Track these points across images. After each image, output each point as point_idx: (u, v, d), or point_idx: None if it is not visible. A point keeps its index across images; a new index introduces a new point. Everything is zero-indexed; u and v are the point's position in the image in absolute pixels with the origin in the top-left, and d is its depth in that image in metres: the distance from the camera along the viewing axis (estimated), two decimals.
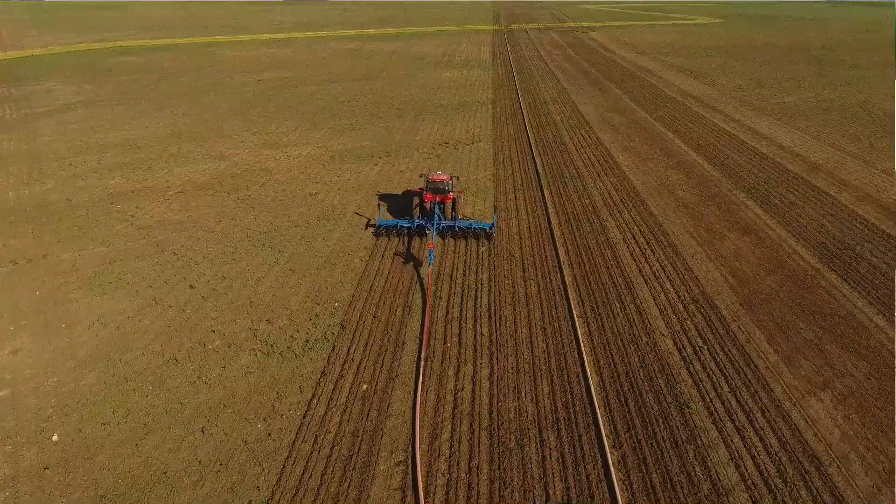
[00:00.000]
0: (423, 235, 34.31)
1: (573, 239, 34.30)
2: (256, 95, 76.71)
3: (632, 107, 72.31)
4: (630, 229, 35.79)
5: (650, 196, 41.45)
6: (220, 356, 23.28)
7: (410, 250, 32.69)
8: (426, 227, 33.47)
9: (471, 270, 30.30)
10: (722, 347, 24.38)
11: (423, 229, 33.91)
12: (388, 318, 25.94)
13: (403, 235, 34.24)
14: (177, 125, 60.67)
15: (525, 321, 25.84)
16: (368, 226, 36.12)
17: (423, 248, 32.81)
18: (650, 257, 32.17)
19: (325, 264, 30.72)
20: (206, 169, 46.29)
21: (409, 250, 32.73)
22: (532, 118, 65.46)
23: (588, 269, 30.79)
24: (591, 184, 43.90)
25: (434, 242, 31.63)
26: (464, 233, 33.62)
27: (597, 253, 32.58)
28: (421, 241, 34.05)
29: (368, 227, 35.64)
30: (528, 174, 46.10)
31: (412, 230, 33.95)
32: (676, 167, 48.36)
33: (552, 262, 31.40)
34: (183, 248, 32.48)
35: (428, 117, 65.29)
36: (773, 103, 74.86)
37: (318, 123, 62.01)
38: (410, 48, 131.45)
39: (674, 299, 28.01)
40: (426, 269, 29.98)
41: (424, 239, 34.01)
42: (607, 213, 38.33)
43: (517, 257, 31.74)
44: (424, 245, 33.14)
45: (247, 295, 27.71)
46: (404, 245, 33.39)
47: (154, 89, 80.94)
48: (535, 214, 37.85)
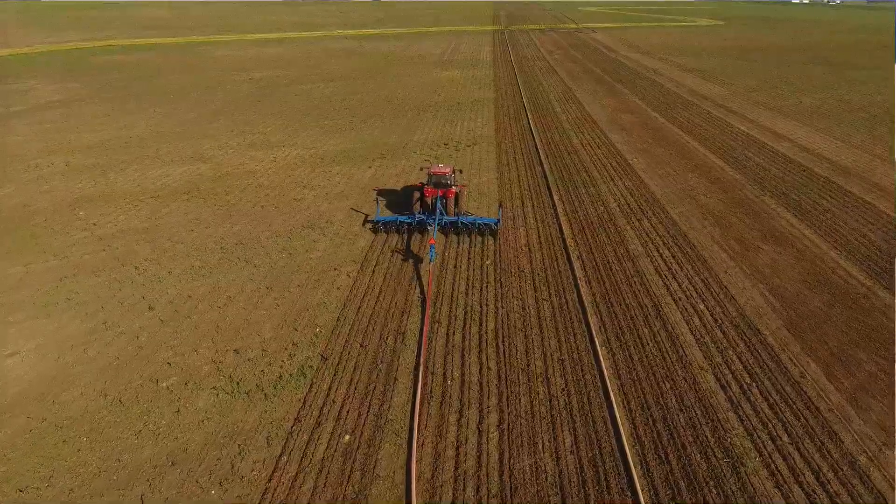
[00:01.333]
0: (423, 232, 32.06)
1: (589, 251, 30.45)
2: (246, 95, 72.92)
3: (641, 106, 68.60)
4: (652, 240, 31.95)
5: (670, 202, 37.63)
6: (175, 397, 19.36)
7: (410, 248, 30.42)
8: (427, 222, 31.31)
9: (474, 289, 26.42)
10: (773, 384, 20.52)
11: (424, 225, 31.84)
12: (377, 348, 22.04)
13: (403, 232, 32.08)
14: (159, 125, 56.82)
15: (539, 351, 21.97)
16: (366, 221, 33.53)
17: (423, 245, 29.94)
18: (678, 273, 28.32)
19: (307, 281, 26.82)
20: (184, 172, 42.42)
21: (409, 247, 30.36)
22: (537, 118, 61.69)
23: (608, 286, 26.92)
24: (604, 188, 40.08)
25: (435, 238, 29.44)
26: (467, 229, 31.51)
27: (617, 267, 28.72)
28: (422, 238, 31.65)
29: (366, 223, 33.32)
30: (536, 177, 42.28)
31: (412, 226, 31.98)
32: (695, 170, 44.57)
33: (567, 278, 27.54)
34: (146, 261, 28.57)
35: (426, 117, 61.51)
36: (790, 104, 71.20)
37: (308, 123, 58.18)
38: (409, 48, 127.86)
39: (710, 323, 24.15)
40: (426, 270, 27.20)
41: (425, 235, 31.57)
42: (625, 221, 34.49)
43: (527, 273, 27.88)
44: (425, 241, 30.56)
45: (214, 318, 23.79)
46: (403, 242, 31.24)
47: (140, 88, 77.13)
48: (544, 223, 34.01)
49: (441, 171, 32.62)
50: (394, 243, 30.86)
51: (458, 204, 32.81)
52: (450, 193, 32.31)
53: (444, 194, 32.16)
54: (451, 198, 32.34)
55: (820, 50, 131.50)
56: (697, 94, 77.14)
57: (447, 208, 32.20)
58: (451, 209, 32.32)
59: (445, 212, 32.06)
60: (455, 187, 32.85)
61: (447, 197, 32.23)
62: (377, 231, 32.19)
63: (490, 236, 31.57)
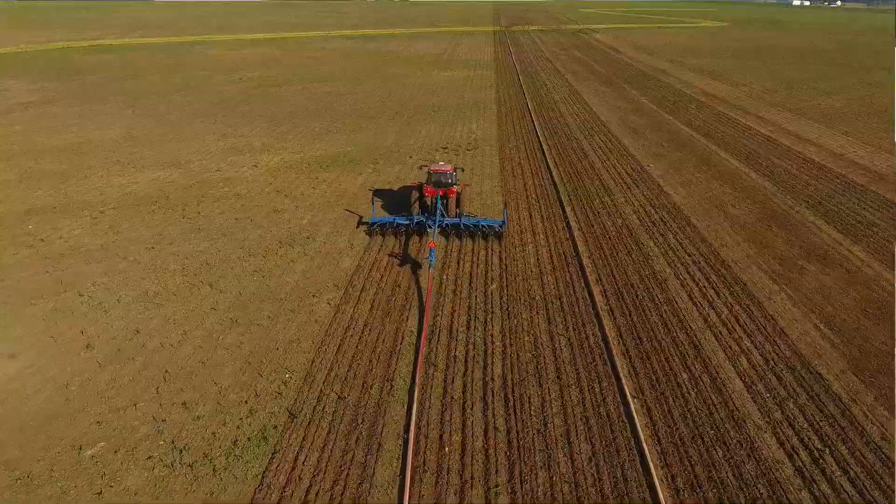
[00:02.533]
0: (423, 234, 29.58)
1: (609, 273, 26.38)
2: (233, 95, 68.90)
3: (652, 108, 64.64)
4: (680, 259, 27.90)
5: (696, 214, 33.59)
6: (99, 471, 15.25)
7: (408, 252, 28.03)
8: (427, 224, 29.02)
9: (477, 320, 22.35)
10: (851, 451, 16.43)
11: (423, 227, 29.53)
12: (359, 400, 17.96)
13: (401, 234, 29.75)
14: (135, 127, 52.76)
15: (557, 405, 17.89)
16: (361, 223, 31.20)
17: (422, 249, 27.12)
18: (714, 300, 24.25)
19: (279, 311, 22.72)
20: (155, 178, 38.34)
21: (407, 251, 28.05)
22: (542, 120, 57.70)
23: (636, 318, 22.84)
24: (620, 198, 36.03)
25: (436, 241, 27.09)
26: (470, 231, 29.30)
27: (643, 293, 24.65)
28: (421, 241, 29.10)
29: (360, 226, 31.02)
30: (544, 186, 38.23)
31: (411, 228, 29.68)
32: (719, 177, 40.55)
33: (586, 307, 23.46)
34: (95, 286, 24.47)
35: (424, 119, 57.52)
36: (809, 105, 67.29)
37: (297, 125, 54.14)
38: (407, 48, 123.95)
39: (760, 366, 20.08)
40: (425, 276, 24.93)
41: (424, 238, 29.09)
42: (647, 236, 30.45)
43: (538, 300, 23.80)
44: (424, 244, 28.33)
45: (163, 361, 19.69)
46: (400, 245, 29.06)
47: (123, 88, 73.11)
48: (556, 238, 29.95)
49: (442, 168, 30.25)
50: (391, 247, 27.32)
51: (460, 204, 30.43)
52: (451, 193, 29.91)
53: (445, 194, 29.79)
54: (452, 197, 29.98)
55: (830, 51, 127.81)
56: (710, 95, 73.22)
57: (448, 209, 29.91)
58: (452, 210, 30.06)
59: (446, 213, 29.75)
60: (457, 186, 30.39)
61: (448, 197, 29.89)
62: (372, 233, 29.63)
63: (495, 239, 29.09)
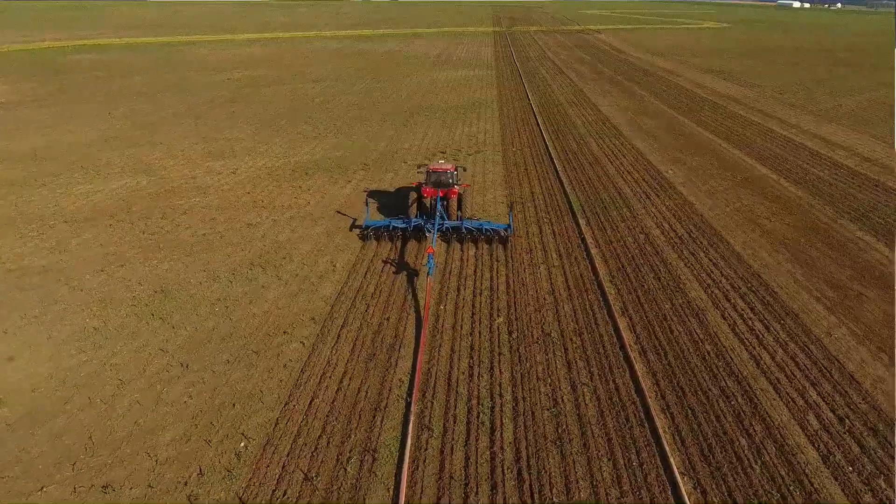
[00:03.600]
0: (421, 238, 27.25)
1: (636, 301, 22.41)
2: (220, 96, 64.95)
3: (663, 109, 60.79)
4: (716, 283, 23.95)
5: (727, 228, 29.67)
6: None
7: (405, 259, 25.62)
8: (426, 228, 26.74)
9: (481, 366, 18.38)
10: None
11: (421, 231, 27.19)
12: (331, 482, 13.97)
13: (397, 239, 27.31)
14: (110, 129, 48.80)
15: (586, 484, 13.93)
16: (354, 227, 28.75)
17: (420, 255, 24.67)
18: (763, 336, 20.30)
19: (240, 354, 18.74)
20: (121, 187, 34.38)
21: (404, 258, 25.63)
22: (548, 122, 53.80)
23: (672, 360, 18.88)
24: (640, 209, 32.11)
25: (434, 247, 24.42)
26: (472, 236, 26.91)
27: (679, 328, 20.69)
28: (419, 246, 26.80)
29: (354, 229, 28.53)
30: (554, 195, 34.29)
31: (408, 232, 27.31)
32: (746, 185, 36.65)
33: (612, 347, 19.50)
34: (24, 319, 20.47)
35: (421, 120, 53.61)
36: (829, 107, 63.46)
37: (284, 128, 50.22)
38: (404, 48, 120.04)
39: (833, 426, 16.12)
40: (423, 286, 22.55)
41: (423, 242, 26.76)
42: (675, 254, 26.50)
43: (555, 339, 19.83)
44: (423, 249, 26.10)
45: (88, 422, 15.70)
46: (396, 251, 26.75)
47: (105, 88, 69.11)
48: (571, 257, 25.99)
49: (442, 167, 27.91)
50: (385, 253, 23.64)
51: (462, 206, 28.12)
52: (452, 194, 27.60)
53: (446, 195, 27.40)
54: (453, 199, 27.72)
55: (837, 51, 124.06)
56: (723, 95, 69.38)
57: (449, 212, 27.60)
58: (453, 213, 27.81)
59: (447, 216, 27.37)
60: (458, 187, 28.10)
61: (449, 198, 27.57)
62: (366, 238, 27.12)
63: (500, 244, 26.57)
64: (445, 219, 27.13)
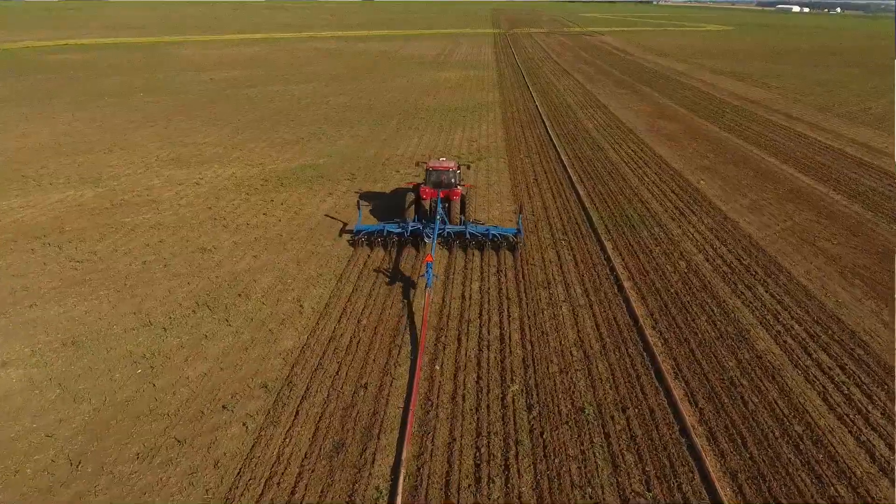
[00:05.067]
0: (419, 245, 24.12)
1: (690, 356, 17.22)
2: (198, 97, 59.71)
3: (681, 112, 55.80)
4: (789, 329, 18.78)
5: (783, 253, 24.55)
6: None
7: (399, 267, 22.41)
8: (424, 233, 23.68)
9: (492, 463, 13.17)
10: None
11: (419, 236, 24.09)
12: None
13: (392, 245, 24.12)
14: (68, 133, 43.55)
15: None
16: (344, 232, 25.57)
17: (418, 268, 19.16)
18: (868, 412, 15.11)
19: (157, 444, 13.48)
20: (60, 200, 29.15)
21: (398, 267, 22.42)
22: (557, 126, 48.75)
23: (755, 451, 13.71)
24: (675, 229, 26.98)
25: (434, 255, 21.15)
26: (477, 241, 23.92)
27: (753, 398, 15.50)
28: (418, 253, 23.69)
29: (344, 234, 25.43)
30: (571, 211, 29.16)
31: (404, 237, 24.10)
32: (793, 199, 31.58)
33: (670, 431, 14.29)
34: None
35: (417, 124, 48.52)
36: (856, 109, 58.59)
37: (264, 132, 45.06)
38: (402, 48, 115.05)
39: None
40: (419, 302, 18.93)
41: (420, 256, 23.33)
42: (727, 289, 21.34)
43: (591, 417, 14.61)
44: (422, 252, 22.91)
45: None
46: (390, 261, 23.35)
47: (77, 89, 63.73)
48: (600, 294, 20.79)
49: (443, 165, 25.15)
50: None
51: (465, 209, 25.31)
52: (454, 195, 24.80)
53: (447, 196, 24.71)
54: (455, 200, 24.81)
55: (847, 54, 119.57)
56: (741, 97, 64.48)
57: (450, 215, 24.74)
58: (455, 216, 24.80)
59: (448, 219, 24.53)
60: (461, 187, 25.40)
61: (450, 200, 24.75)
62: (358, 244, 24.01)
63: (508, 251, 23.67)
64: (447, 223, 24.25)
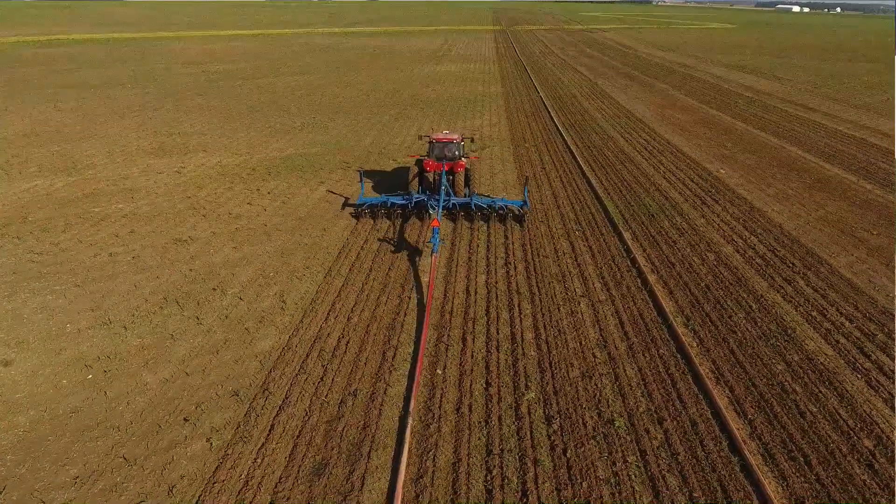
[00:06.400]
0: (423, 218, 23.78)
1: (731, 359, 14.87)
2: (188, 88, 57.38)
3: (692, 103, 53.54)
4: (839, 327, 16.44)
5: (820, 244, 22.22)
6: None
7: (405, 238, 21.95)
8: (429, 204, 23.19)
9: (506, 489, 10.84)
10: None
11: (423, 208, 23.68)
12: None
13: (396, 217, 23.68)
14: (45, 122, 41.23)
15: None
16: (347, 205, 25.02)
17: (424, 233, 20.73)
18: None
19: (101, 466, 11.11)
20: (27, 189, 26.82)
21: (403, 236, 22.09)
22: (563, 116, 46.46)
23: (821, 470, 11.42)
24: (697, 218, 24.65)
25: (440, 219, 20.97)
26: (483, 213, 23.50)
27: (810, 407, 13.19)
28: (422, 226, 23.30)
29: (346, 207, 24.90)
30: (584, 200, 26.85)
31: (409, 209, 23.82)
32: (821, 188, 29.28)
33: (717, 447, 11.95)
34: None
35: (416, 114, 46.23)
36: (874, 101, 56.30)
37: (254, 121, 42.76)
38: (400, 44, 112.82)
39: None
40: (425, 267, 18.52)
41: (426, 222, 23.15)
42: (764, 283, 19.00)
43: (622, 430, 12.26)
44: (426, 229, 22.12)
45: None
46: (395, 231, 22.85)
47: (60, 81, 61.36)
48: (622, 288, 18.44)
49: (446, 137, 24.59)
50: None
51: (470, 182, 24.69)
52: (458, 167, 24.33)
53: (452, 168, 24.21)
54: (459, 173, 24.33)
55: (853, 50, 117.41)
56: (753, 89, 62.21)
57: (455, 188, 24.33)
58: (459, 189, 24.45)
59: (453, 192, 23.97)
60: (465, 160, 24.84)
61: (455, 172, 24.29)
62: (360, 216, 23.58)
63: (515, 223, 23.23)
64: (452, 195, 23.57)
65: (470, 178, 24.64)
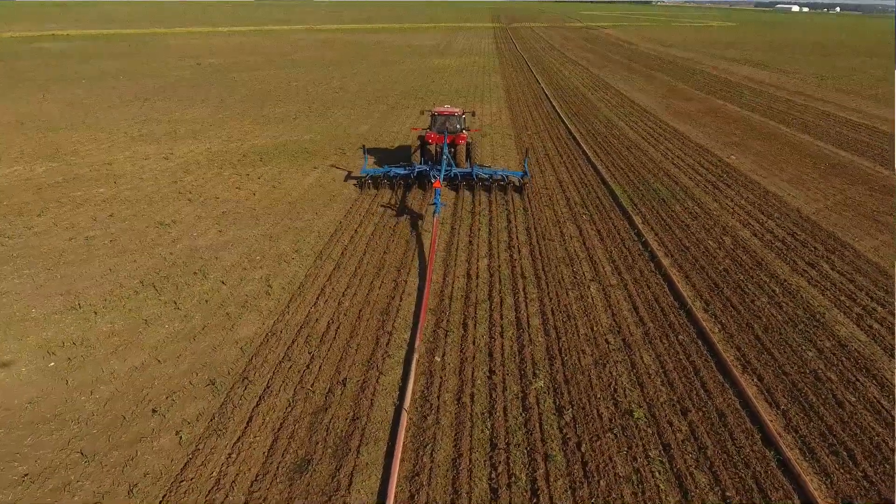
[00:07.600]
0: (426, 188, 23.83)
1: (757, 345, 13.60)
2: (181, 80, 56.07)
3: (697, 93, 52.29)
4: (870, 312, 15.17)
5: (841, 227, 20.97)
6: None
7: (406, 205, 22.15)
8: (431, 174, 23.38)
9: (514, 489, 9.55)
10: None
11: (425, 178, 23.96)
12: None
13: (398, 186, 23.92)
14: (32, 112, 39.92)
15: None
16: (350, 177, 25.52)
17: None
18: None
19: (55, 462, 9.84)
20: (5, 175, 25.47)
21: (405, 204, 22.25)
22: (565, 106, 45.19)
23: (868, 467, 10.10)
24: (710, 203, 23.37)
25: (442, 182, 21.93)
26: (484, 184, 23.86)
27: (848, 396, 11.93)
28: (425, 192, 23.58)
29: (349, 179, 25.38)
30: (590, 184, 25.58)
31: (411, 179, 24.24)
32: (838, 173, 28.02)
33: (749, 440, 10.66)
34: None
35: (414, 104, 44.89)
36: (882, 92, 55.04)
37: (249, 109, 41.49)
38: (399, 39, 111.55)
39: None
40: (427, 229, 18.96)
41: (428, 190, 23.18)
42: (785, 266, 17.71)
43: (642, 421, 10.98)
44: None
45: None
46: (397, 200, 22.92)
47: (51, 74, 60.04)
48: (635, 272, 17.16)
49: (448, 111, 25.09)
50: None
51: (471, 155, 24.85)
52: (460, 140, 24.65)
53: (454, 141, 24.59)
54: (461, 145, 24.69)
55: (856, 46, 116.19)
56: (759, 81, 60.94)
57: (457, 160, 24.69)
58: (461, 162, 24.77)
59: (455, 164, 24.40)
60: (466, 132, 25.33)
61: (457, 145, 24.69)
62: (363, 185, 23.96)
63: (515, 193, 23.52)
64: (453, 166, 23.94)
65: (471, 152, 24.90)
